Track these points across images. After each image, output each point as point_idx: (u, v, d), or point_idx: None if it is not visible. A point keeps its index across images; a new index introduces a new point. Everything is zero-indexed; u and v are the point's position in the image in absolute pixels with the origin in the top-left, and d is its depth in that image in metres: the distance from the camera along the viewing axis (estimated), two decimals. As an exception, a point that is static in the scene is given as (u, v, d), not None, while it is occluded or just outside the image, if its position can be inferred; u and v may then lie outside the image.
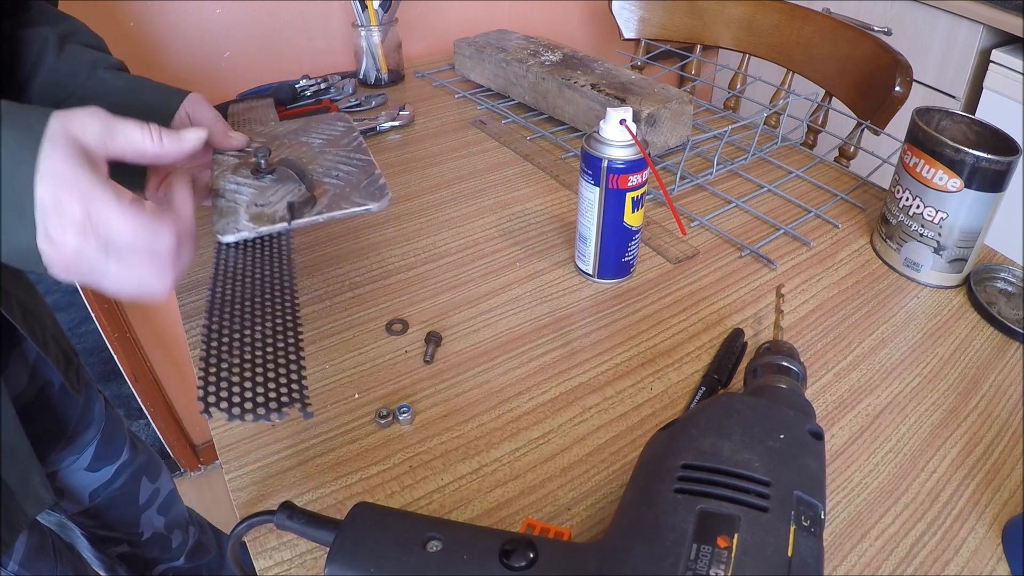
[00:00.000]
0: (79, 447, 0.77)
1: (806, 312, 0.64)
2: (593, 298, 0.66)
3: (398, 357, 0.59)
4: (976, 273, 0.68)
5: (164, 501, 0.91)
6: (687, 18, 1.21)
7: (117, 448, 0.82)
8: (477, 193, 0.81)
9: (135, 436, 0.88)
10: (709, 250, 0.72)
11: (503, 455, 0.51)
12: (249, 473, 0.50)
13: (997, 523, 0.46)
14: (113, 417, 0.82)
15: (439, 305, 0.64)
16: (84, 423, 0.77)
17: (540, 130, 0.93)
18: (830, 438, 0.52)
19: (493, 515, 0.47)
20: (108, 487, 0.81)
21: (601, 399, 0.55)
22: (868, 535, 0.46)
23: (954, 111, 0.68)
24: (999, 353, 0.60)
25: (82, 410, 0.76)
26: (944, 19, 1.34)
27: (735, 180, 0.84)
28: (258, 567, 0.44)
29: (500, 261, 0.70)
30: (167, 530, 0.92)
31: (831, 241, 0.74)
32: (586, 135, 0.62)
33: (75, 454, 0.77)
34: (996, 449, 0.52)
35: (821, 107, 1.05)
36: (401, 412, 0.53)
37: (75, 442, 0.76)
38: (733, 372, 0.57)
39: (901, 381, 0.57)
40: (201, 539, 1.00)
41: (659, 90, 0.85)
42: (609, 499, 0.48)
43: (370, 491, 0.48)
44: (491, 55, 0.98)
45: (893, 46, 0.96)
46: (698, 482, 0.35)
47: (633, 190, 0.61)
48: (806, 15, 1.08)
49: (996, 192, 0.62)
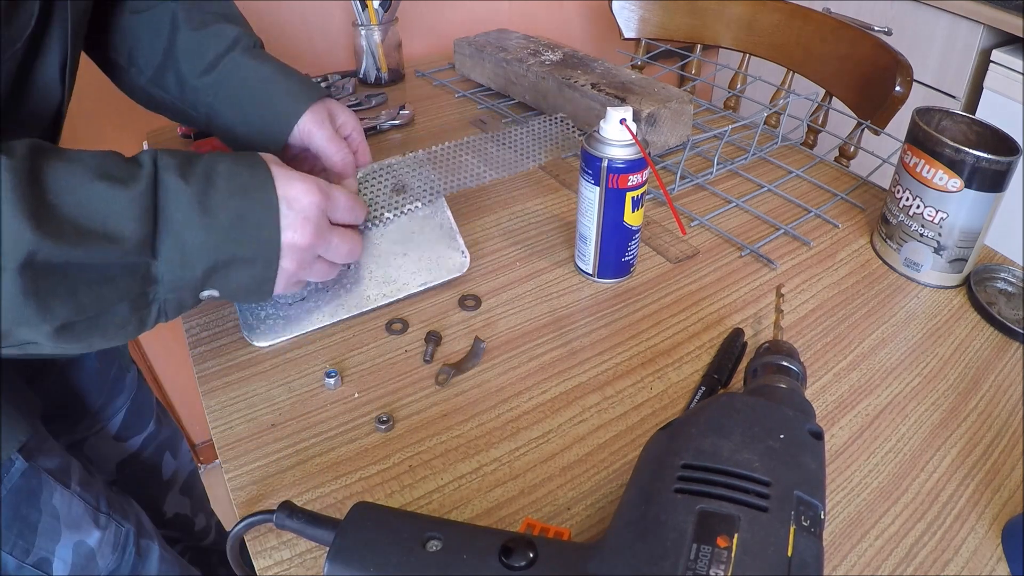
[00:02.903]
0: (111, 412, 0.77)
1: (806, 312, 0.64)
2: (593, 298, 0.66)
3: (398, 357, 0.59)
4: (976, 273, 0.68)
5: (187, 481, 0.91)
6: (687, 18, 1.21)
7: (145, 419, 0.82)
8: (477, 192, 0.81)
9: (162, 409, 0.88)
10: (709, 250, 0.72)
11: (503, 455, 0.51)
12: (249, 472, 0.49)
13: (997, 523, 0.46)
14: (144, 388, 0.83)
15: (439, 305, 0.64)
16: (117, 388, 0.77)
17: (540, 130, 0.93)
18: (830, 438, 0.52)
19: (493, 515, 0.47)
20: (135, 459, 0.81)
21: (601, 399, 0.55)
22: (868, 535, 0.46)
23: (954, 111, 0.68)
24: (999, 353, 0.60)
25: (115, 374, 0.77)
26: (944, 19, 1.34)
27: (735, 180, 0.84)
28: (258, 567, 0.44)
29: (500, 260, 0.70)
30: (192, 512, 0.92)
31: (831, 241, 0.74)
32: (586, 134, 0.62)
33: (104, 420, 0.77)
34: (996, 449, 0.52)
35: (821, 107, 1.05)
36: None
37: (107, 406, 0.76)
38: (733, 372, 0.57)
39: (901, 381, 0.57)
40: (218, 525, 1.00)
41: (659, 90, 0.85)
42: (609, 499, 0.48)
43: (370, 491, 0.48)
44: (491, 54, 0.98)
45: (893, 46, 0.96)
46: (698, 482, 0.35)
47: (633, 190, 0.61)
48: (806, 15, 1.08)
49: (996, 192, 0.62)
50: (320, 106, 0.62)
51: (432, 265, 0.65)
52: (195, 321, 0.62)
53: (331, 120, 0.62)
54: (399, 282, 0.64)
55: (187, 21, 0.59)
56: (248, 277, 0.48)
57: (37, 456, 0.57)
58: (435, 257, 0.65)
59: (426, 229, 0.65)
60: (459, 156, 0.69)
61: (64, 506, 0.59)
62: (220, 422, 0.53)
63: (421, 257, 0.65)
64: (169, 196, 0.43)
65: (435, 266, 0.65)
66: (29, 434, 0.55)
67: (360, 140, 0.66)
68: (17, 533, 0.56)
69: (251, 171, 0.48)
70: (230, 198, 0.45)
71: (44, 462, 0.58)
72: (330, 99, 0.64)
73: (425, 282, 0.64)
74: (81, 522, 0.61)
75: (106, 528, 0.63)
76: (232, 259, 0.46)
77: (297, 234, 0.49)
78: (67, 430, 0.72)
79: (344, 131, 0.64)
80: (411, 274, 0.64)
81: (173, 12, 0.59)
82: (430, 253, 0.65)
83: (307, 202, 0.49)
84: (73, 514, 0.60)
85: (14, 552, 0.56)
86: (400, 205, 0.64)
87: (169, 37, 0.59)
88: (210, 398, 0.55)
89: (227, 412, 0.54)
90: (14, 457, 0.55)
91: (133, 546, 0.67)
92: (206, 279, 0.46)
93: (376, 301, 0.63)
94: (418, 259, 0.65)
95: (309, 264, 0.52)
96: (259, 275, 0.49)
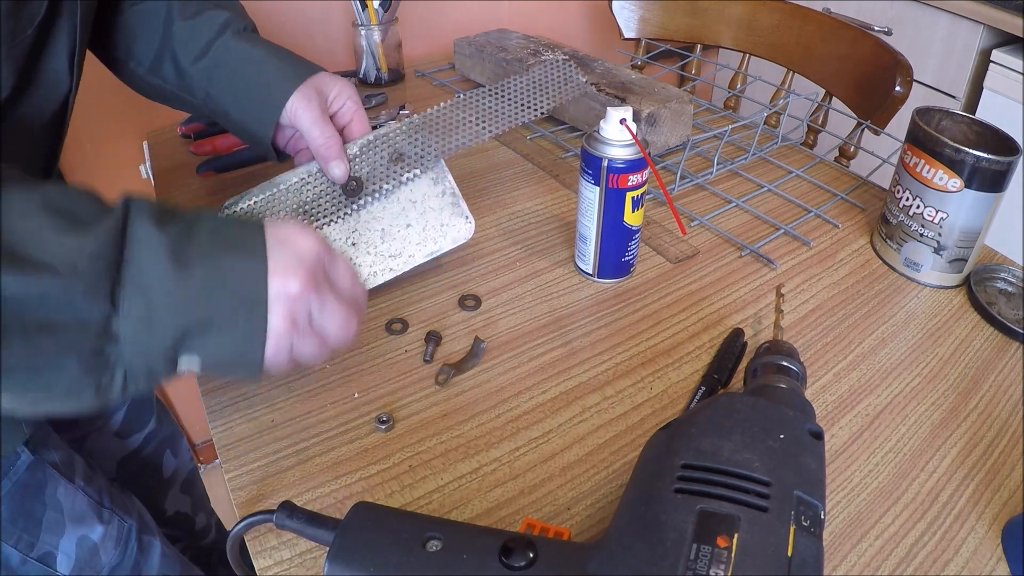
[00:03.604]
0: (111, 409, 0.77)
1: (806, 312, 0.64)
2: (593, 297, 0.66)
3: (398, 357, 0.59)
4: (976, 273, 0.68)
5: (187, 480, 0.91)
6: (687, 18, 1.21)
7: (145, 417, 0.82)
8: (477, 192, 0.81)
9: (162, 408, 0.88)
10: (709, 250, 0.72)
11: (503, 455, 0.51)
12: (249, 472, 0.49)
13: (997, 523, 0.46)
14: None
15: (439, 305, 0.64)
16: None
17: (540, 129, 0.93)
18: (830, 438, 0.52)
19: (493, 515, 0.47)
20: (135, 457, 0.81)
21: (601, 399, 0.55)
22: (868, 535, 0.46)
23: (954, 111, 0.68)
24: (999, 353, 0.60)
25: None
26: (944, 19, 1.34)
27: (735, 180, 0.84)
28: (258, 567, 0.44)
29: (500, 260, 0.70)
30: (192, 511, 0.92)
31: (831, 241, 0.74)
32: (586, 134, 0.62)
33: (105, 417, 0.77)
34: (996, 449, 0.52)
35: (821, 107, 1.05)
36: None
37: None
38: (733, 372, 0.57)
39: (901, 381, 0.57)
40: (218, 524, 1.00)
41: (659, 90, 0.85)
42: (609, 499, 0.48)
43: (370, 491, 0.48)
44: (491, 54, 0.98)
45: (893, 46, 0.96)
46: (698, 482, 0.35)
47: (633, 190, 0.61)
48: (806, 15, 1.08)
49: (996, 192, 0.62)
50: (309, 84, 0.60)
51: (437, 234, 0.63)
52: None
53: (320, 97, 0.60)
54: (404, 255, 0.62)
55: (181, 12, 0.60)
56: (229, 344, 0.40)
57: (42, 450, 0.57)
58: (439, 225, 0.63)
59: (429, 197, 0.64)
60: (456, 115, 0.66)
61: (68, 500, 0.59)
62: (220, 422, 0.53)
63: (426, 227, 0.63)
64: (138, 243, 0.37)
65: (440, 235, 0.63)
66: (34, 427, 0.55)
67: (355, 109, 0.63)
68: (22, 527, 0.56)
69: (242, 226, 0.42)
70: (211, 249, 0.39)
71: (49, 456, 0.58)
72: (323, 74, 0.62)
73: (432, 252, 0.63)
74: (85, 516, 0.61)
75: (109, 523, 0.63)
76: (208, 321, 0.39)
77: (289, 280, 0.41)
78: (68, 427, 0.72)
79: (336, 104, 0.62)
80: (416, 245, 0.63)
81: (168, 3, 0.60)
82: (434, 222, 0.63)
83: (305, 246, 0.42)
84: (77, 508, 0.60)
85: (19, 546, 0.56)
86: (399, 175, 0.63)
87: (164, 27, 0.59)
88: (210, 398, 0.55)
89: (227, 412, 0.54)
90: (20, 450, 0.55)
91: (135, 542, 0.67)
92: (179, 344, 0.38)
93: (383, 276, 0.61)
94: (422, 229, 0.63)
95: (303, 328, 0.43)
96: (242, 341, 0.40)
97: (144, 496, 0.77)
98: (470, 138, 0.65)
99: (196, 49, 0.59)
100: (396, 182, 0.63)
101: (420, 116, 0.65)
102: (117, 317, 0.36)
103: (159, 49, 0.60)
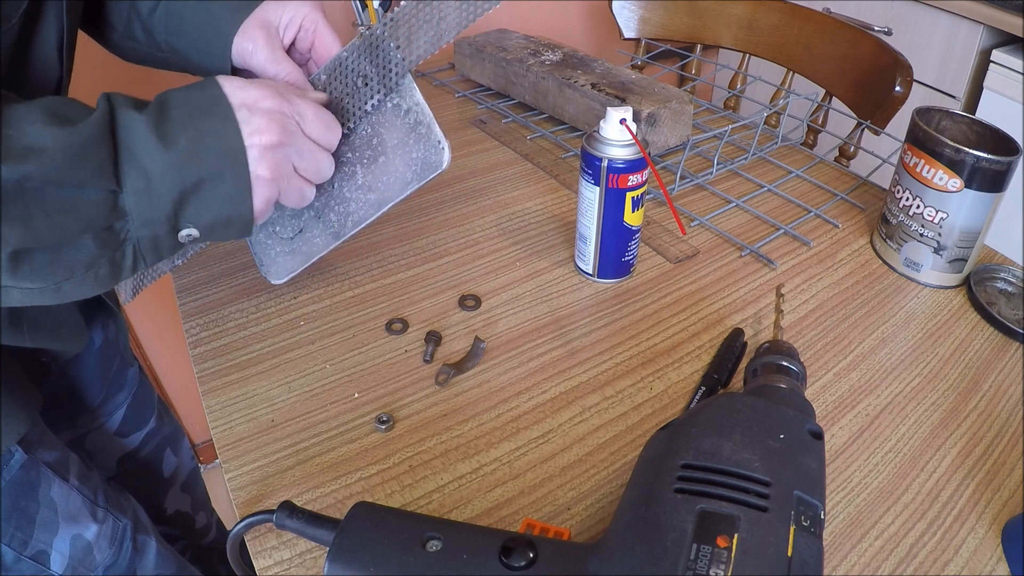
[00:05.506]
0: (111, 408, 0.77)
1: (806, 312, 0.64)
2: (593, 298, 0.66)
3: (398, 357, 0.59)
4: (976, 273, 0.68)
5: (188, 479, 0.91)
6: (687, 18, 1.21)
7: (146, 416, 0.82)
8: (477, 192, 0.81)
9: (163, 406, 0.87)
10: (709, 250, 0.72)
11: (503, 455, 0.51)
12: (249, 472, 0.50)
13: (997, 523, 0.46)
14: (145, 384, 0.82)
15: (439, 305, 0.64)
16: (118, 384, 0.77)
17: (540, 129, 0.93)
18: (830, 438, 0.52)
19: (493, 515, 0.47)
20: (135, 456, 0.81)
21: (601, 399, 0.55)
22: (868, 535, 0.46)
23: (954, 111, 0.68)
24: (999, 353, 0.60)
25: (117, 370, 0.77)
26: (944, 19, 1.34)
27: (735, 180, 0.84)
28: (257, 567, 0.44)
29: (500, 260, 0.70)
30: (193, 510, 0.91)
31: (831, 241, 0.74)
32: (586, 134, 0.62)
33: (105, 416, 0.76)
34: (996, 449, 0.52)
35: (821, 107, 1.05)
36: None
37: (108, 402, 0.76)
38: (733, 372, 0.57)
39: (901, 381, 0.57)
40: (218, 524, 1.00)
41: (659, 90, 0.85)
42: (609, 499, 0.48)
43: (370, 491, 0.48)
44: (491, 54, 0.98)
45: (893, 46, 0.96)
46: (698, 482, 0.35)
47: (633, 190, 0.61)
48: (806, 15, 1.08)
49: (996, 192, 0.62)
50: (252, 22, 0.56)
51: (411, 164, 0.58)
52: (195, 321, 0.62)
53: (267, 32, 0.56)
54: (382, 189, 0.59)
55: None
56: (222, 197, 0.45)
57: (36, 449, 0.57)
58: (413, 156, 0.58)
59: (396, 124, 0.58)
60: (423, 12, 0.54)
61: (62, 499, 0.59)
62: (220, 422, 0.53)
63: (398, 158, 0.58)
64: (126, 127, 0.42)
65: (415, 164, 0.58)
66: (28, 427, 0.55)
67: (313, 29, 0.58)
68: (15, 525, 0.56)
69: (201, 91, 0.46)
70: (186, 121, 0.44)
71: (43, 455, 0.58)
72: (268, 3, 0.57)
73: (409, 182, 0.58)
74: (79, 515, 0.61)
75: (103, 522, 0.63)
76: (200, 180, 0.44)
77: (264, 135, 0.46)
78: (68, 425, 0.72)
79: (290, 33, 0.58)
80: (393, 179, 0.59)
81: None
82: (404, 153, 0.58)
83: (268, 104, 0.47)
84: (71, 507, 0.60)
85: (12, 544, 0.56)
86: (361, 104, 0.57)
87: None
88: (210, 398, 0.55)
89: (227, 412, 0.54)
90: (13, 449, 0.55)
91: (130, 541, 0.67)
92: (178, 209, 0.44)
93: (370, 214, 0.59)
94: (396, 160, 0.58)
95: (286, 174, 0.49)
96: (232, 191, 0.46)
97: (144, 495, 0.77)
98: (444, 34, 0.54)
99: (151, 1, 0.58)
100: (359, 112, 0.57)
101: (381, 23, 0.55)
102: (122, 193, 0.42)
103: (129, 10, 0.59)
